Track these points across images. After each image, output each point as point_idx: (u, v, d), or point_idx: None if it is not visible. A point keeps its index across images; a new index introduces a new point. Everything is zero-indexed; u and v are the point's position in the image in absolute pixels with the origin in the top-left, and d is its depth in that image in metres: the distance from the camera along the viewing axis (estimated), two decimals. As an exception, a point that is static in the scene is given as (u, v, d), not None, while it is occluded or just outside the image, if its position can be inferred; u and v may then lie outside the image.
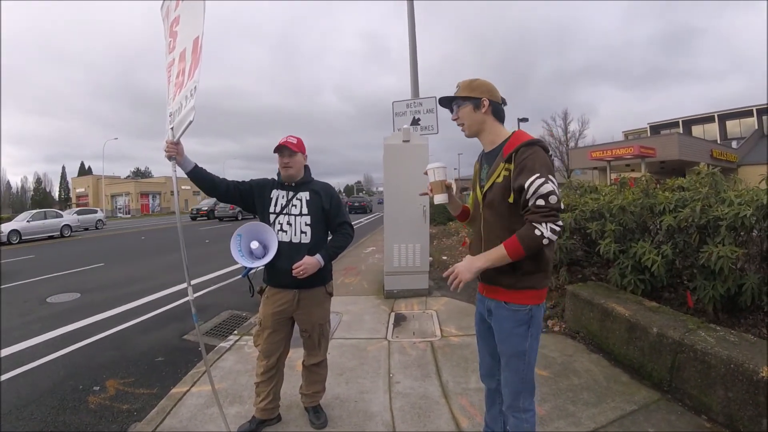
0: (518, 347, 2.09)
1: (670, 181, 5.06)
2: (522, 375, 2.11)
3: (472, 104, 2.13)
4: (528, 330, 2.08)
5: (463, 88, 2.17)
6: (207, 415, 3.19)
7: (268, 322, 2.86)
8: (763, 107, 33.87)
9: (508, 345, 2.11)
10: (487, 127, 2.16)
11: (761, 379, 2.63)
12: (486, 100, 2.11)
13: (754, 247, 3.85)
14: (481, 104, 2.12)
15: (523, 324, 2.06)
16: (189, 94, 2.54)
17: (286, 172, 2.87)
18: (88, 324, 5.90)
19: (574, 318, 4.54)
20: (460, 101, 2.17)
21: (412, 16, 9.43)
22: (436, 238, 12.45)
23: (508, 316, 2.07)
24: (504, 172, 2.00)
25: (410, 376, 3.75)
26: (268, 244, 2.77)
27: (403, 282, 6.42)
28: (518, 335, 2.08)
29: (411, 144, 6.24)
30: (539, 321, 2.13)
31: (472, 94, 2.13)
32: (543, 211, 1.85)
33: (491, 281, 2.12)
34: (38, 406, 3.63)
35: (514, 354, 2.10)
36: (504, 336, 2.12)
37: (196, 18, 2.61)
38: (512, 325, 2.07)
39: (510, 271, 2.02)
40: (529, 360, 2.11)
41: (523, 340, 2.08)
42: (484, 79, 2.19)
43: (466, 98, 2.14)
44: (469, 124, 2.17)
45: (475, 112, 2.14)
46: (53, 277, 9.65)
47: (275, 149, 2.85)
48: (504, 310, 2.08)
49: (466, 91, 2.15)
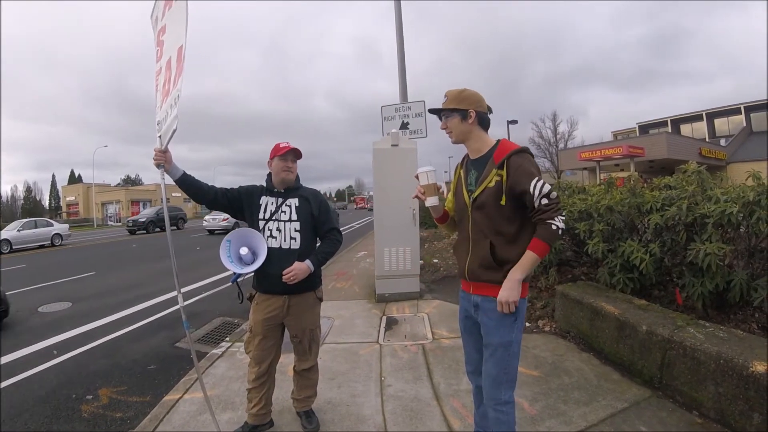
0: (505, 337, 2.16)
1: (657, 180, 5.11)
2: (505, 365, 2.18)
3: (460, 115, 2.22)
4: (515, 322, 2.17)
5: (451, 99, 2.25)
6: (200, 422, 3.18)
7: (259, 328, 2.86)
8: (750, 105, 34.23)
9: (495, 335, 2.18)
10: (473, 136, 2.26)
11: (751, 374, 2.66)
12: (473, 111, 2.20)
13: (742, 243, 3.89)
14: (468, 115, 2.21)
15: (512, 315, 2.14)
16: (173, 102, 2.55)
17: (288, 176, 2.86)
18: (79, 333, 5.87)
19: (564, 318, 4.57)
20: (448, 113, 2.25)
21: (400, 19, 9.42)
22: (426, 241, 12.50)
23: (495, 308, 2.14)
24: (496, 177, 2.12)
25: (402, 379, 3.76)
26: (257, 250, 2.77)
27: (394, 285, 6.43)
28: (506, 326, 2.16)
29: (400, 148, 6.27)
30: (524, 313, 2.23)
31: (460, 105, 2.21)
32: (552, 208, 2.04)
33: (479, 279, 2.21)
34: (32, 415, 3.61)
35: (501, 344, 2.17)
36: (491, 327, 2.19)
37: (180, 27, 2.62)
38: (500, 316, 2.14)
39: (497, 268, 2.13)
40: (513, 350, 2.19)
41: (510, 330, 2.16)
42: (471, 90, 2.28)
43: (454, 110, 2.22)
44: (456, 134, 2.28)
45: (462, 122, 2.23)
46: (44, 287, 9.58)
47: (281, 153, 2.81)
48: (492, 303, 2.15)
49: (454, 102, 2.23)
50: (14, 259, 16.30)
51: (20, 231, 20.67)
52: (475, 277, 2.23)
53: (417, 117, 8.00)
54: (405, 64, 9.37)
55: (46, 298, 8.30)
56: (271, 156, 2.88)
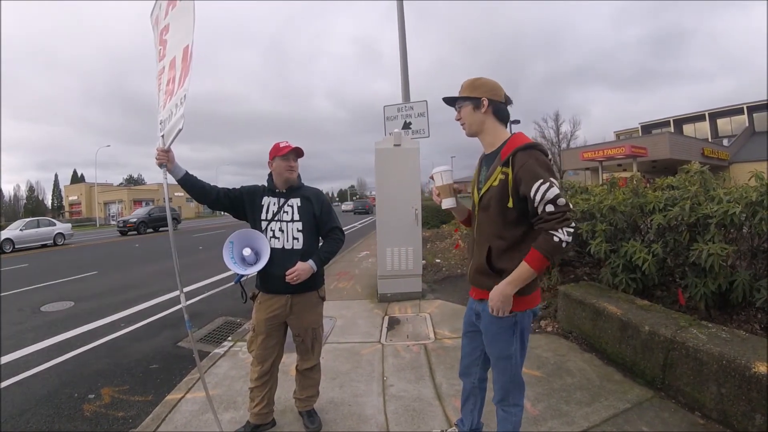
0: (504, 351, 2.10)
1: (659, 180, 5.10)
2: (510, 375, 2.14)
3: (472, 104, 2.11)
4: (513, 335, 2.07)
5: (465, 87, 2.15)
6: (202, 421, 3.19)
7: (262, 327, 2.86)
8: (753, 105, 34.15)
9: (494, 348, 2.13)
10: (486, 128, 2.14)
11: (754, 374, 2.65)
12: (486, 99, 2.09)
13: (745, 244, 3.88)
14: (481, 104, 2.09)
15: (507, 329, 2.06)
16: (179, 102, 2.54)
17: (291, 175, 2.86)
18: (82, 332, 5.88)
19: (566, 318, 4.57)
20: (461, 101, 2.15)
21: (402, 18, 9.43)
22: (429, 241, 12.48)
23: (493, 321, 2.07)
24: (501, 175, 1.98)
25: (404, 379, 3.76)
26: (260, 250, 2.77)
27: (396, 285, 6.43)
28: (503, 340, 2.08)
29: (402, 148, 6.25)
30: (526, 326, 2.11)
31: (473, 93, 2.11)
32: (556, 218, 1.84)
33: (480, 285, 2.13)
34: (33, 415, 3.61)
35: (501, 357, 2.12)
36: (490, 339, 2.14)
37: (186, 26, 2.62)
38: (497, 330, 2.08)
39: (496, 276, 2.01)
40: (515, 362, 2.12)
41: (509, 345, 2.08)
42: (487, 78, 2.16)
43: (467, 98, 2.12)
44: (468, 124, 2.15)
45: (474, 112, 2.12)
46: (47, 286, 9.59)
47: (283, 153, 2.80)
48: (490, 315, 2.07)
49: (468, 90, 2.13)
50: (17, 258, 16.34)
51: (23, 230, 20.72)
52: (475, 282, 2.16)
53: (419, 117, 7.98)
54: (407, 64, 9.35)
55: (48, 297, 8.31)
56: (271, 156, 2.86)
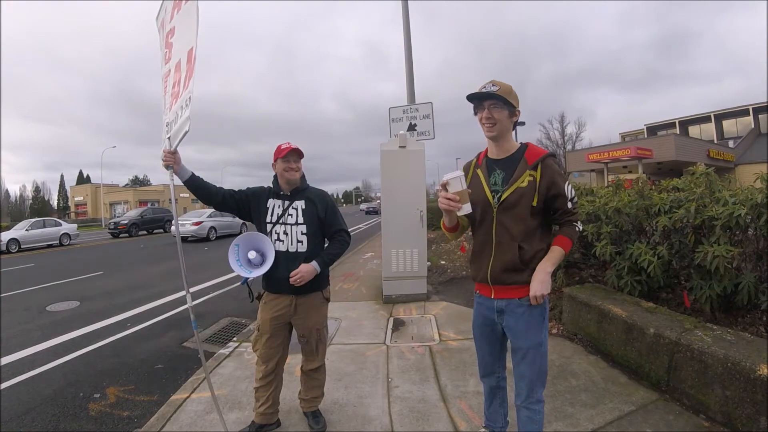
0: (536, 339, 2.18)
1: (665, 182, 5.08)
2: (539, 365, 2.20)
3: (509, 110, 2.17)
4: (543, 321, 2.20)
5: (505, 91, 2.14)
6: (207, 421, 3.20)
7: (267, 327, 2.88)
8: (759, 106, 33.96)
9: (525, 338, 2.18)
10: (509, 135, 2.25)
11: (758, 377, 2.64)
12: (518, 111, 2.21)
13: (750, 246, 3.87)
14: (515, 113, 2.20)
15: (538, 316, 2.18)
16: (184, 104, 2.56)
17: (292, 176, 2.85)
18: (87, 332, 5.91)
19: (571, 320, 4.56)
20: (501, 103, 2.13)
21: (407, 19, 9.43)
22: (434, 242, 12.49)
23: (525, 311, 2.16)
24: (529, 177, 2.13)
25: (409, 381, 3.76)
26: (265, 253, 2.79)
27: (401, 287, 6.44)
28: (536, 327, 2.18)
29: (407, 150, 6.27)
30: (548, 310, 2.30)
31: (512, 101, 2.15)
32: (577, 211, 2.23)
33: (503, 282, 2.19)
34: (39, 414, 3.64)
35: (533, 346, 2.18)
36: (521, 330, 2.19)
37: (191, 29, 2.64)
38: (528, 319, 2.17)
39: (523, 268, 2.13)
40: (544, 350, 2.21)
41: (540, 331, 2.19)
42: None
43: (508, 102, 2.14)
44: (500, 127, 2.17)
45: (509, 118, 2.19)
46: (53, 286, 9.65)
47: (283, 154, 2.81)
48: (520, 307, 2.17)
49: (510, 96, 2.14)
50: (23, 258, 16.45)
51: (28, 230, 20.84)
52: (499, 281, 2.19)
53: (425, 118, 8.00)
54: (413, 66, 9.37)
55: (54, 297, 8.36)
56: (274, 158, 2.89)
